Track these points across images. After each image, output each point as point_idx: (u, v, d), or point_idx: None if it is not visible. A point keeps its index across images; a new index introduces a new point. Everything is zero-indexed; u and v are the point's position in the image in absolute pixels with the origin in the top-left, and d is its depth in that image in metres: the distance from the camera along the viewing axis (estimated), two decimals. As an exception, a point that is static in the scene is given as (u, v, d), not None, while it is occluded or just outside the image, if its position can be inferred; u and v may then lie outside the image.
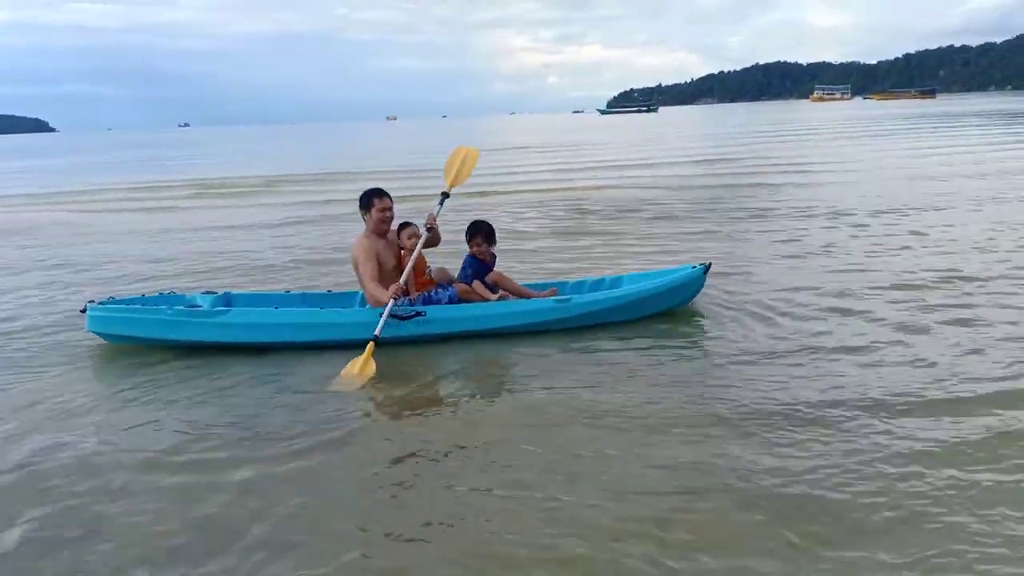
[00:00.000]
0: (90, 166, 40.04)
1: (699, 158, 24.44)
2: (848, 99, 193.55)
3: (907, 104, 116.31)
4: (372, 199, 6.49)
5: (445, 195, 6.85)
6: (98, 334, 6.46)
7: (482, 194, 16.14)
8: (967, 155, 21.39)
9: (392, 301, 6.04)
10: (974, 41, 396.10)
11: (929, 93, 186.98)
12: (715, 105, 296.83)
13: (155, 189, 22.32)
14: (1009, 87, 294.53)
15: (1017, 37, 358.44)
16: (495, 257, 6.82)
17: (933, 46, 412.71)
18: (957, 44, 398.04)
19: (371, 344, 5.79)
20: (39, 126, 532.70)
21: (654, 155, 26.47)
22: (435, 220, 6.58)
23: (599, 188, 17.02)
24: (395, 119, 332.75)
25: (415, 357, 5.96)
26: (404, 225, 6.66)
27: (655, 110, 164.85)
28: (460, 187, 7.02)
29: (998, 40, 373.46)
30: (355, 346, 5.84)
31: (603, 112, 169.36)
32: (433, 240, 6.63)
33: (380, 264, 6.32)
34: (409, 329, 6.16)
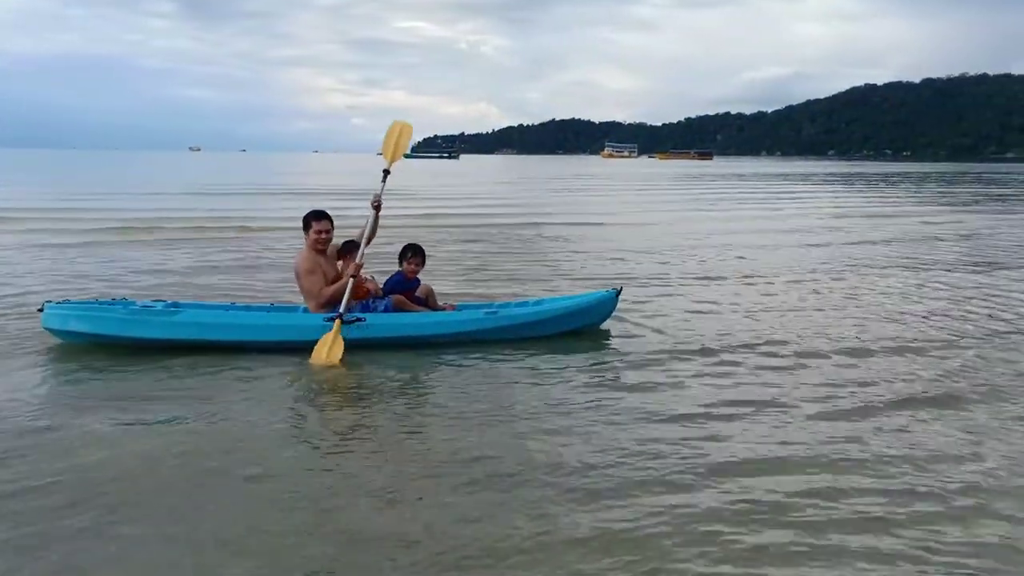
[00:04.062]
0: None
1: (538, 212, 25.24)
2: (635, 157, 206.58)
3: (686, 164, 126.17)
4: (311, 222, 7.10)
5: (387, 172, 7.42)
6: (53, 331, 6.92)
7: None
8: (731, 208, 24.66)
9: (352, 279, 6.78)
10: (748, 110, 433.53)
11: (707, 155, 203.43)
12: (515, 156, 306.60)
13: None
14: (778, 152, 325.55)
15: (786, 107, 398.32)
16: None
17: (712, 112, 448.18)
18: (733, 111, 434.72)
19: (338, 322, 6.59)
20: None
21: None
22: (379, 199, 7.17)
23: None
24: (199, 150, 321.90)
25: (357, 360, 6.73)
26: (349, 246, 7.26)
27: (456, 157, 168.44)
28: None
29: (769, 110, 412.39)
30: (302, 349, 6.64)
31: (407, 156, 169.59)
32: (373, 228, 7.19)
33: (324, 275, 7.01)
34: (351, 333, 6.82)
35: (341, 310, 6.76)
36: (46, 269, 11.61)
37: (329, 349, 6.50)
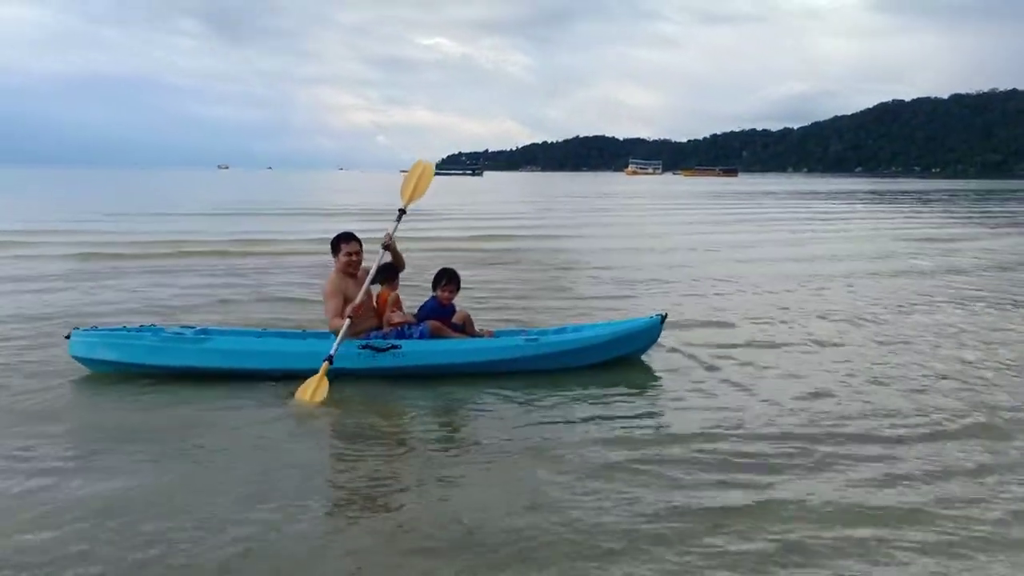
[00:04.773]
0: None
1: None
2: (659, 174, 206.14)
3: (712, 181, 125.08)
4: (340, 244, 6.84)
5: (402, 211, 7.17)
6: (80, 360, 6.65)
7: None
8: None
9: (348, 320, 6.43)
10: (773, 126, 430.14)
11: (732, 172, 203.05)
12: (539, 173, 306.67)
13: None
14: (804, 169, 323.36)
15: (812, 124, 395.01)
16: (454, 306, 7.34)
17: (737, 128, 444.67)
18: (759, 128, 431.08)
19: (325, 364, 6.23)
20: None
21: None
22: (391, 238, 6.85)
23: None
24: (227, 167, 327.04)
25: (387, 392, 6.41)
26: (386, 271, 7.00)
27: (480, 174, 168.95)
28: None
29: (795, 126, 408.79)
30: (336, 377, 6.26)
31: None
32: (396, 263, 6.97)
33: (347, 300, 6.62)
34: (386, 361, 6.52)
35: (332, 351, 6.37)
36: (73, 293, 11.34)
37: (314, 391, 6.09)
